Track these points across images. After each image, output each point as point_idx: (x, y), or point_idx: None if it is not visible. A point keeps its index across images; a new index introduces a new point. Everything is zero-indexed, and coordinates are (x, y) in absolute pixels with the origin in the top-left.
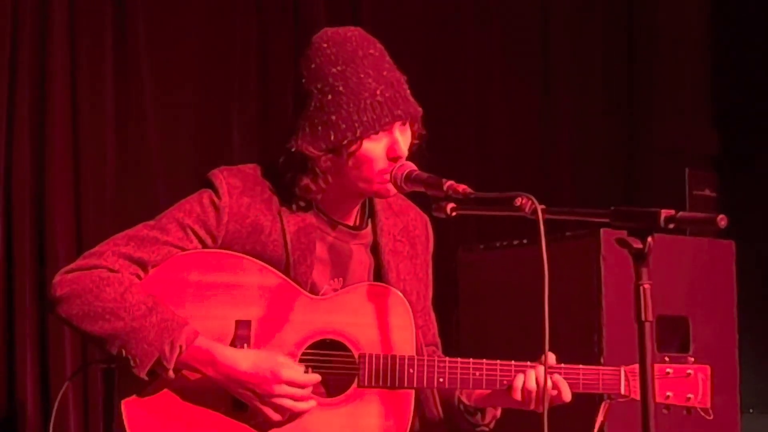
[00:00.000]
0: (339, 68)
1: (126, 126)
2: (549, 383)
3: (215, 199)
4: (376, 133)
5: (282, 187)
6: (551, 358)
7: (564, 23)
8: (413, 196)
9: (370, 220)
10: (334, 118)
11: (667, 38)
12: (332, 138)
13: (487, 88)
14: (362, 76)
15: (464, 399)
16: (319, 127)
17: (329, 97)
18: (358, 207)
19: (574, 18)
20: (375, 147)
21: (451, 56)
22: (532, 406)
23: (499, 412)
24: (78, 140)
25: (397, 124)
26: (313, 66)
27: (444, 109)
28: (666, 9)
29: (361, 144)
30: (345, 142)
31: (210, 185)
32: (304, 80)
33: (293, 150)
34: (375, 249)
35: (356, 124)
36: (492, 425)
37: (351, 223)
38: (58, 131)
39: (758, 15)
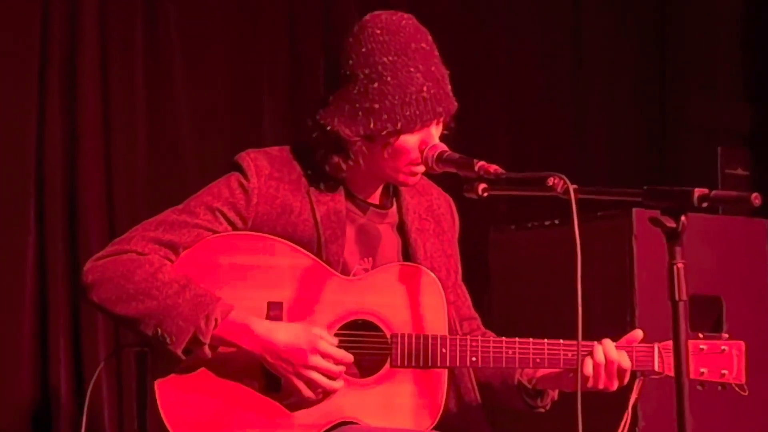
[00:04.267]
0: (390, 58)
1: (157, 112)
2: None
3: (243, 181)
4: (418, 129)
5: (310, 167)
6: (638, 334)
7: (596, 1)
8: (445, 177)
9: (395, 200)
10: (377, 106)
11: (700, 16)
12: (372, 126)
13: (519, 67)
14: (412, 69)
15: (524, 381)
16: (360, 113)
17: (375, 84)
18: (381, 187)
19: None
20: (410, 139)
21: (481, 36)
22: (602, 384)
23: (556, 395)
24: (109, 128)
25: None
26: (363, 50)
27: (475, 88)
28: None
29: (399, 137)
30: (384, 132)
31: (238, 168)
32: (351, 62)
33: (329, 129)
34: (401, 228)
35: (398, 117)
36: (548, 407)
37: (376, 203)
38: (89, 118)
39: None
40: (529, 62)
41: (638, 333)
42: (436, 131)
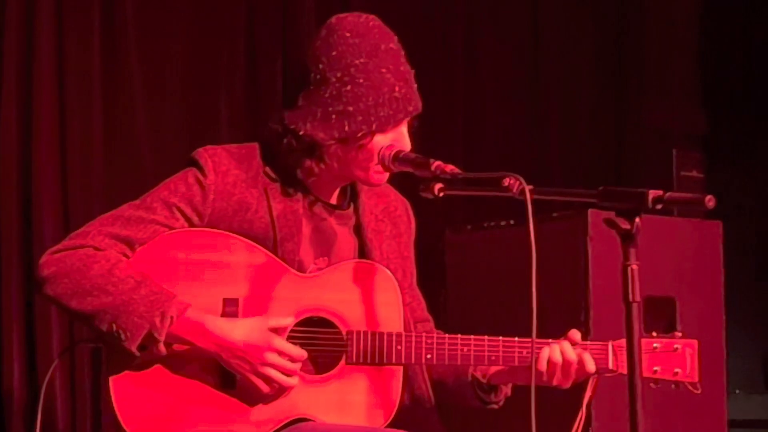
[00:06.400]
0: (362, 60)
1: (113, 107)
2: (568, 357)
3: (200, 177)
4: (391, 128)
5: (269, 165)
6: (575, 335)
7: (554, 3)
8: (402, 176)
9: (352, 202)
10: (351, 109)
11: (657, 18)
12: (347, 128)
13: (476, 67)
14: (383, 70)
15: (479, 376)
16: (333, 116)
17: (348, 87)
18: (339, 188)
19: None
20: (383, 140)
21: (439, 35)
22: (556, 381)
23: (510, 390)
24: (65, 122)
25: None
26: (334, 53)
27: (432, 88)
28: None
29: (373, 137)
30: (360, 134)
31: (195, 164)
32: (321, 66)
33: (301, 133)
34: (357, 229)
35: (372, 118)
36: (502, 403)
37: (333, 203)
38: (44, 110)
39: None
40: (487, 64)
41: (575, 334)
42: (405, 130)
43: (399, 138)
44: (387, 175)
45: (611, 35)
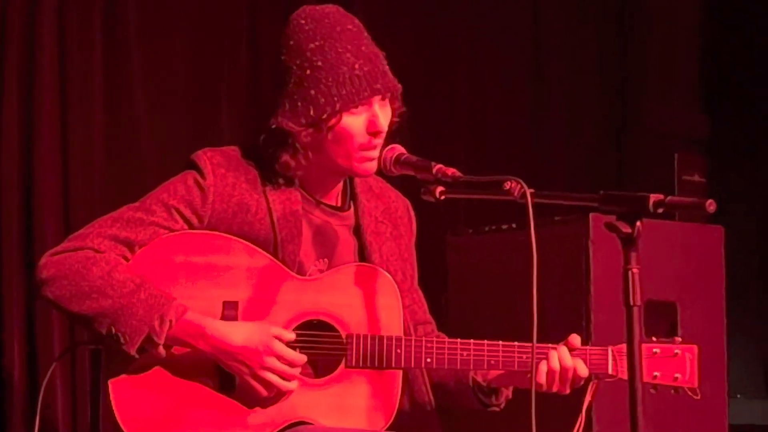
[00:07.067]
0: (317, 43)
1: (115, 107)
2: (568, 363)
3: (200, 179)
4: (356, 106)
5: (266, 166)
6: (575, 340)
7: (557, 7)
8: (404, 179)
9: (352, 203)
10: (313, 92)
11: (659, 22)
12: (312, 112)
13: (479, 71)
14: (340, 50)
15: (479, 379)
16: (299, 103)
17: (308, 72)
18: (339, 188)
19: (567, 2)
20: (355, 121)
21: (442, 39)
22: (555, 388)
23: (511, 393)
24: (66, 122)
25: (377, 98)
26: (291, 43)
27: (435, 92)
28: None
29: (340, 118)
30: (325, 116)
31: (194, 166)
32: (283, 57)
33: (273, 126)
34: (357, 231)
35: (335, 98)
36: (503, 405)
37: (333, 204)
38: (46, 112)
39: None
40: (489, 66)
41: (575, 339)
42: (381, 113)
43: (372, 118)
44: (375, 164)
45: (613, 38)
